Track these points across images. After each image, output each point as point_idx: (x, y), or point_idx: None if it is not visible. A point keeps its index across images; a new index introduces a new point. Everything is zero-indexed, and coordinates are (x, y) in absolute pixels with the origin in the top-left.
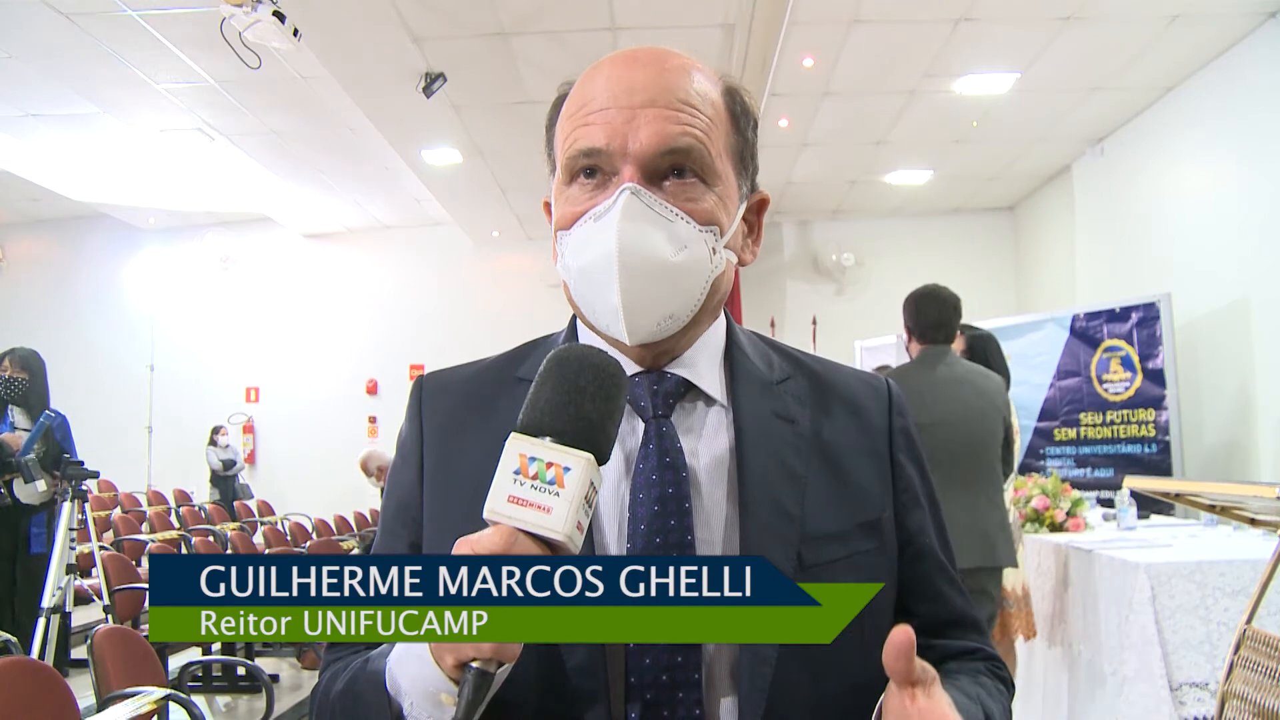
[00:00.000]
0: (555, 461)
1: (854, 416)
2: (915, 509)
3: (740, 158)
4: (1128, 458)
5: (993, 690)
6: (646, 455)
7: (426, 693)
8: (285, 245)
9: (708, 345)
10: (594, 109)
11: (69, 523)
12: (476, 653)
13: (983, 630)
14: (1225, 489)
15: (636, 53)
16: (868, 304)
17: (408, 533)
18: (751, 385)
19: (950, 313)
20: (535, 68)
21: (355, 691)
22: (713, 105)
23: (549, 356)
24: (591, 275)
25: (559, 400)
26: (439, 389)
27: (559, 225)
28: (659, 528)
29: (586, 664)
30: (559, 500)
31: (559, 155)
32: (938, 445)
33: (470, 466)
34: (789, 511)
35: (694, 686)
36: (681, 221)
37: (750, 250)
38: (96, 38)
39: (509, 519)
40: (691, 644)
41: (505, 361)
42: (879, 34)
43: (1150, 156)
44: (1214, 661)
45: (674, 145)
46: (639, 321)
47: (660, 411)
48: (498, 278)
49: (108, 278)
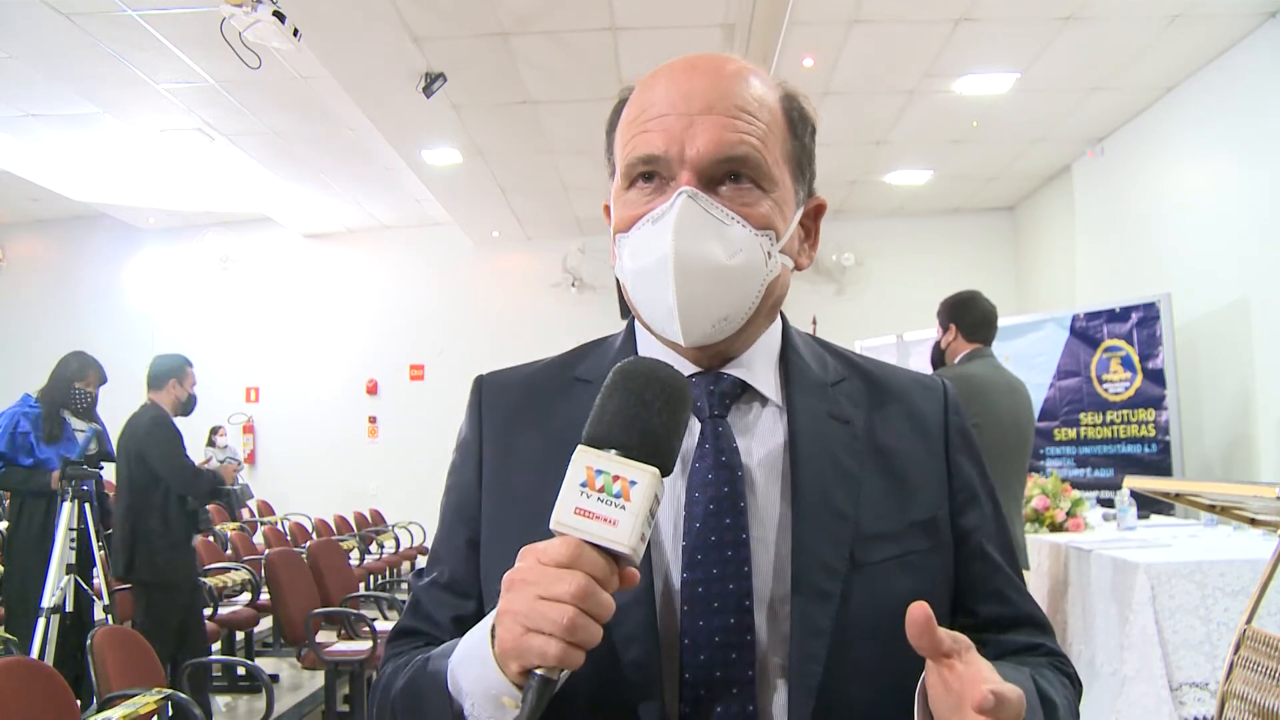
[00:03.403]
0: (622, 475)
1: (909, 417)
2: (972, 508)
3: (797, 163)
4: (1128, 458)
5: (1054, 681)
6: (703, 455)
7: (489, 695)
8: (285, 245)
9: (764, 347)
10: (652, 115)
11: (69, 523)
12: (542, 660)
13: (1048, 629)
14: (1225, 489)
15: (695, 60)
16: (868, 304)
17: (466, 529)
18: (807, 386)
19: (993, 314)
20: (535, 68)
21: (417, 689)
22: (770, 111)
23: (615, 369)
24: (648, 277)
25: (626, 414)
26: (498, 389)
27: (618, 228)
28: (714, 526)
29: (642, 659)
30: (625, 514)
31: (619, 160)
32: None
33: (528, 466)
34: (842, 511)
35: (747, 684)
36: (737, 225)
37: (807, 255)
38: (96, 38)
39: (575, 530)
40: (744, 641)
41: (563, 362)
42: (879, 34)
43: (1150, 156)
44: (1214, 661)
45: (731, 153)
46: (694, 323)
47: (716, 412)
48: (498, 278)
49: (108, 278)
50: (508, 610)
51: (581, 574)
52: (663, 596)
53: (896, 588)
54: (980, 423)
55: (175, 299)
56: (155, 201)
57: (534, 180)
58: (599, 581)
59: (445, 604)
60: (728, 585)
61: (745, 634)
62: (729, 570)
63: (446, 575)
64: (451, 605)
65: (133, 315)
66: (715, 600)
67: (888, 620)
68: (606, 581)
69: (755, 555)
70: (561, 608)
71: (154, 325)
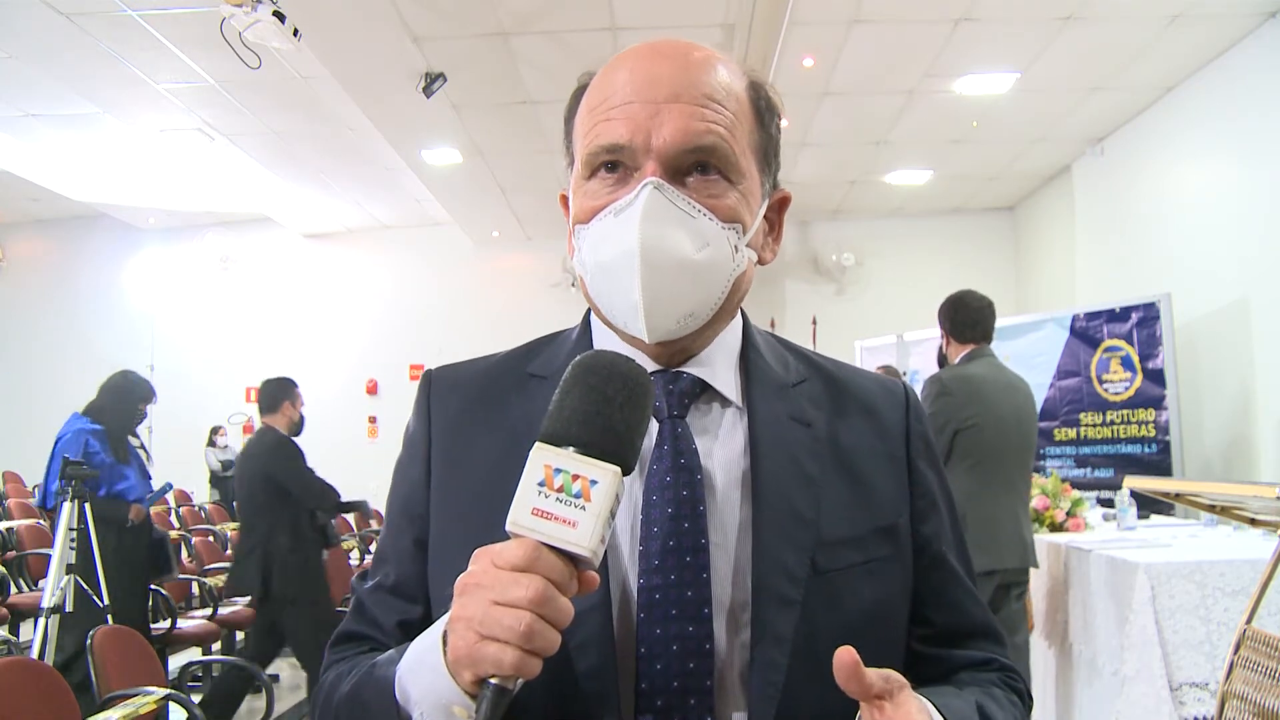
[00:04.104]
0: (582, 474)
1: (871, 420)
2: (932, 515)
3: (764, 154)
4: (1128, 458)
5: (1003, 700)
6: (661, 456)
7: (439, 704)
8: (285, 245)
9: (724, 345)
10: (616, 103)
11: (69, 522)
12: (497, 669)
13: (1001, 641)
14: (1225, 489)
15: (659, 45)
16: (868, 304)
17: (413, 529)
18: (767, 387)
19: (988, 313)
20: (535, 68)
21: (362, 698)
22: (737, 100)
23: (574, 363)
24: (611, 271)
25: (586, 410)
26: (448, 384)
27: (577, 219)
28: (672, 530)
29: (597, 667)
30: (585, 514)
31: (579, 149)
32: (988, 445)
33: (480, 464)
34: (804, 515)
35: (705, 694)
36: (704, 218)
37: (770, 249)
38: (96, 38)
39: (533, 532)
40: (703, 650)
41: (516, 357)
42: (879, 34)
43: (1150, 156)
44: (1214, 661)
45: (699, 144)
46: (659, 319)
47: (675, 412)
48: (498, 278)
49: (108, 278)
50: (461, 616)
51: (539, 578)
52: (619, 603)
53: (859, 595)
54: (980, 422)
55: (175, 299)
56: (155, 201)
57: (534, 180)
58: (557, 586)
59: (391, 608)
60: (686, 592)
61: (704, 642)
62: (687, 576)
63: (392, 578)
64: (397, 609)
65: (133, 315)
66: (673, 607)
67: (850, 628)
68: (565, 586)
69: (714, 561)
70: (518, 614)
71: (154, 325)
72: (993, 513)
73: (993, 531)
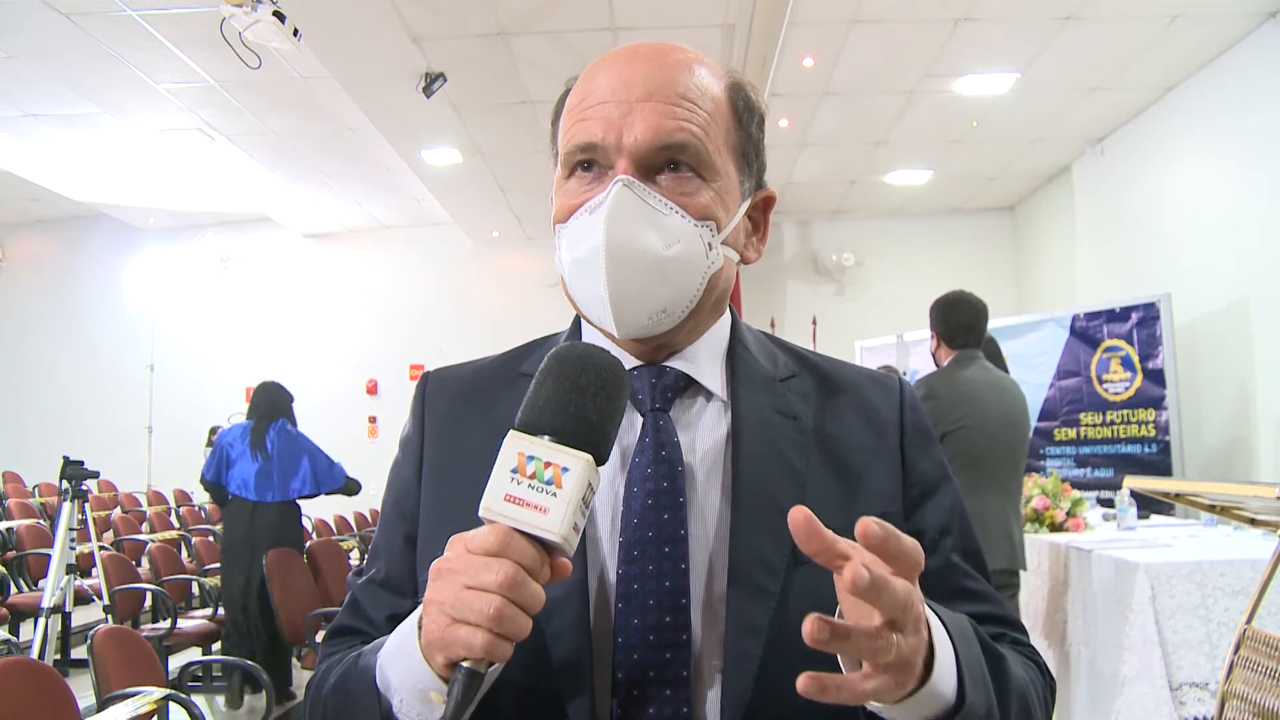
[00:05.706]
0: (554, 461)
1: (862, 414)
2: (929, 505)
3: (743, 154)
4: (1128, 458)
5: (1012, 656)
6: (643, 449)
7: (416, 690)
8: (285, 245)
9: (710, 341)
10: (592, 103)
11: (69, 522)
12: (468, 652)
13: (1014, 625)
14: (1225, 489)
15: (638, 47)
16: (868, 304)
17: (404, 525)
18: (753, 381)
19: (980, 317)
20: (535, 68)
21: (347, 687)
22: (713, 100)
23: (550, 354)
24: (583, 268)
25: (559, 399)
26: (442, 385)
27: (557, 218)
28: (651, 521)
29: (573, 656)
30: (556, 501)
31: (559, 149)
32: (977, 446)
33: (469, 460)
34: (784, 506)
35: (681, 683)
36: (675, 215)
37: (755, 248)
38: (96, 38)
39: (504, 518)
40: (679, 641)
41: (509, 358)
42: (879, 34)
43: (1150, 156)
44: (1214, 661)
45: (669, 141)
46: (626, 314)
47: (658, 405)
48: (498, 278)
49: (108, 278)
50: (434, 600)
51: (510, 563)
52: (597, 593)
53: None
54: (968, 424)
55: (175, 299)
56: (155, 201)
57: (534, 180)
58: (529, 571)
59: (382, 602)
60: (664, 582)
61: (681, 633)
62: (666, 567)
63: (383, 573)
64: (388, 603)
65: (133, 315)
66: (651, 598)
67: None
68: (536, 572)
69: (693, 552)
70: (488, 597)
71: (154, 325)
72: (981, 513)
73: (980, 531)
